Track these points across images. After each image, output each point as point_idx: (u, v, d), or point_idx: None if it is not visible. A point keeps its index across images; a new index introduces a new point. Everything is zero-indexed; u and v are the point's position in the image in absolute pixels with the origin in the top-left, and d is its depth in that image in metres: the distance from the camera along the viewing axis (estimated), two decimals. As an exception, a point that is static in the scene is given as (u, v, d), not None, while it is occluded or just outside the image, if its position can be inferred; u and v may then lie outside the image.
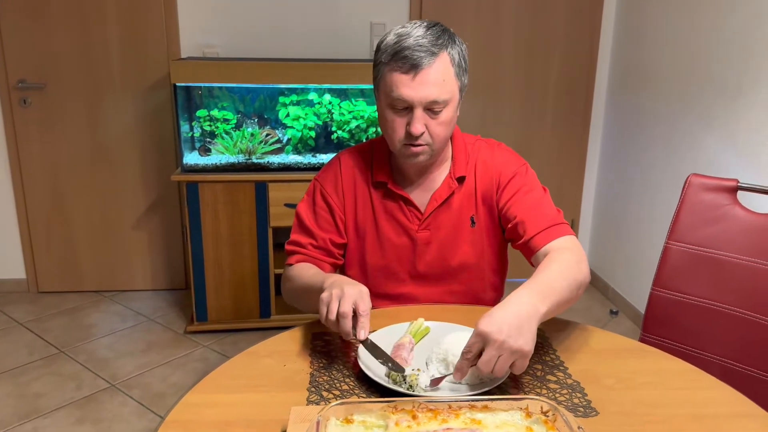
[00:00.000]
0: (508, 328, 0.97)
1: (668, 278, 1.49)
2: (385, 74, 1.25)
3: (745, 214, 1.43)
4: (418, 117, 1.24)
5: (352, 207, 1.42)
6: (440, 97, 1.23)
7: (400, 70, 1.22)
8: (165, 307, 3.22)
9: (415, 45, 1.21)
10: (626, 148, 3.23)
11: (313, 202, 1.43)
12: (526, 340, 0.98)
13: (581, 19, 3.28)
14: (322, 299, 1.11)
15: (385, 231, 1.40)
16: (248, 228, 2.83)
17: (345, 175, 1.42)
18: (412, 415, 0.89)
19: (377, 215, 1.41)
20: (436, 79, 1.22)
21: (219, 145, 2.87)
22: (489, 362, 0.97)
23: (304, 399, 1.03)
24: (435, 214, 1.39)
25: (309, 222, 1.42)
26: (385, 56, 1.24)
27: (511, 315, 1.00)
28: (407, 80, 1.22)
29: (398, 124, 1.27)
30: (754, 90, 2.30)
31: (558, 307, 1.11)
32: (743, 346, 1.39)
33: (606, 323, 3.15)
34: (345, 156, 1.45)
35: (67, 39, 3.03)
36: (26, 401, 2.39)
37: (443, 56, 1.23)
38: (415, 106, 1.23)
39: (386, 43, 1.25)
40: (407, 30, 1.24)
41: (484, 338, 0.98)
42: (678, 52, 2.76)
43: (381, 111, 1.30)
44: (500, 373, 0.99)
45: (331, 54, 3.15)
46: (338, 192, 1.41)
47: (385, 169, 1.40)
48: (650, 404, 1.03)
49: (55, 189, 3.22)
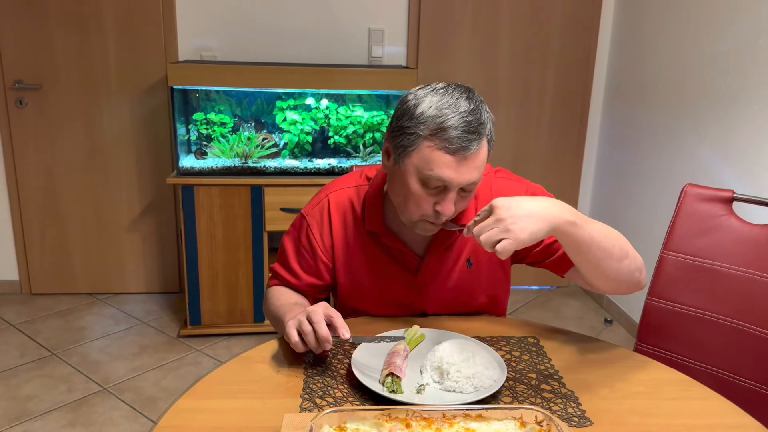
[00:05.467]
0: (516, 210, 1.03)
1: (663, 288, 1.49)
2: (422, 148, 1.14)
3: (740, 224, 1.43)
4: (451, 199, 1.17)
5: (343, 251, 1.36)
6: (478, 179, 1.17)
7: (445, 150, 1.12)
8: (158, 311, 3.21)
9: (463, 125, 1.12)
10: (622, 157, 3.24)
11: (298, 240, 1.38)
12: (524, 229, 1.02)
13: (578, 29, 3.30)
14: (290, 325, 1.11)
15: (381, 275, 1.36)
16: (243, 232, 2.82)
17: (335, 219, 1.36)
18: (405, 424, 0.88)
19: (372, 260, 1.35)
20: (480, 163, 1.16)
21: (215, 149, 2.87)
22: (482, 228, 1.03)
23: (297, 406, 1.02)
24: (434, 261, 1.34)
25: (293, 261, 1.38)
26: (424, 129, 1.13)
27: (529, 204, 1.05)
28: (451, 162, 1.13)
29: (426, 201, 1.18)
30: (748, 102, 2.31)
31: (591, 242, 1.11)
32: (738, 356, 1.39)
33: (600, 332, 3.15)
34: (334, 197, 1.37)
35: (65, 40, 3.03)
36: (17, 404, 2.37)
37: (485, 138, 1.16)
38: (451, 188, 1.16)
39: (424, 113, 1.14)
40: (447, 100, 1.14)
41: (491, 207, 1.04)
42: (673, 63, 2.78)
43: (406, 182, 1.18)
44: (485, 245, 1.03)
45: (328, 59, 3.16)
46: (324, 236, 1.36)
47: (377, 219, 1.32)
48: (644, 414, 1.03)
49: (50, 190, 3.21)
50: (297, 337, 1.10)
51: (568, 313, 3.35)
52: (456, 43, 3.24)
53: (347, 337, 1.09)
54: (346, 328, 1.10)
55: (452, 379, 1.05)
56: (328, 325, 1.10)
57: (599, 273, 1.18)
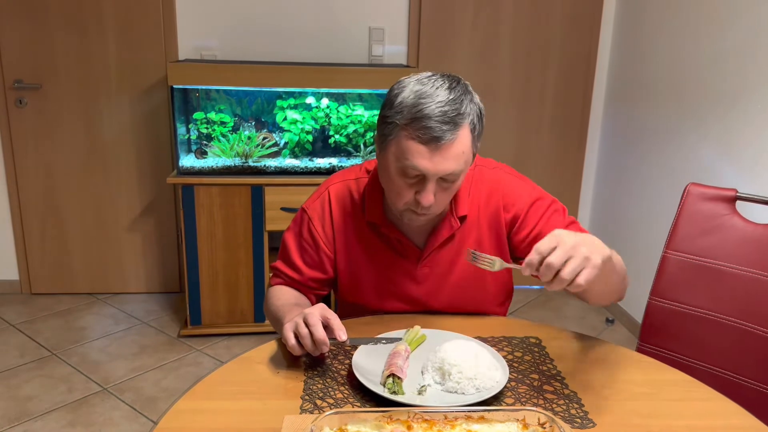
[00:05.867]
0: (582, 239, 0.97)
1: (666, 288, 1.48)
2: (399, 138, 1.14)
3: (743, 224, 1.42)
4: (429, 189, 1.16)
5: (344, 243, 1.35)
6: (457, 169, 1.15)
7: (418, 139, 1.12)
8: (159, 311, 3.20)
9: (438, 114, 1.11)
10: (623, 157, 3.23)
11: (300, 234, 1.37)
12: (595, 253, 0.96)
13: (579, 28, 3.29)
14: (286, 328, 1.11)
15: (381, 267, 1.35)
16: (244, 231, 2.81)
17: (335, 210, 1.36)
18: (407, 426, 0.88)
19: (372, 252, 1.35)
20: (456, 152, 1.13)
21: (215, 148, 2.86)
22: (559, 259, 0.93)
23: (298, 407, 1.01)
24: (434, 252, 1.33)
25: (294, 256, 1.37)
26: (401, 118, 1.13)
27: (584, 235, 1.00)
28: (425, 152, 1.12)
29: (406, 190, 1.18)
30: (750, 101, 2.31)
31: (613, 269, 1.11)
32: (741, 357, 1.38)
33: (602, 331, 3.14)
34: (334, 188, 1.37)
35: (65, 40, 3.02)
36: (17, 404, 2.37)
37: (464, 127, 1.13)
38: (429, 178, 1.15)
39: (402, 102, 1.14)
40: (426, 89, 1.13)
41: (558, 238, 0.96)
42: (674, 62, 2.77)
43: (387, 171, 1.19)
44: (567, 277, 0.94)
45: (329, 58, 3.15)
46: (326, 228, 1.35)
47: (377, 210, 1.32)
48: (647, 415, 1.02)
49: (50, 190, 3.20)
50: (294, 340, 1.09)
51: (569, 312, 3.35)
52: (457, 42, 3.24)
53: (344, 339, 1.08)
54: (343, 330, 1.09)
55: (454, 380, 1.04)
56: (325, 327, 1.09)
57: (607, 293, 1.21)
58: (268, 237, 2.84)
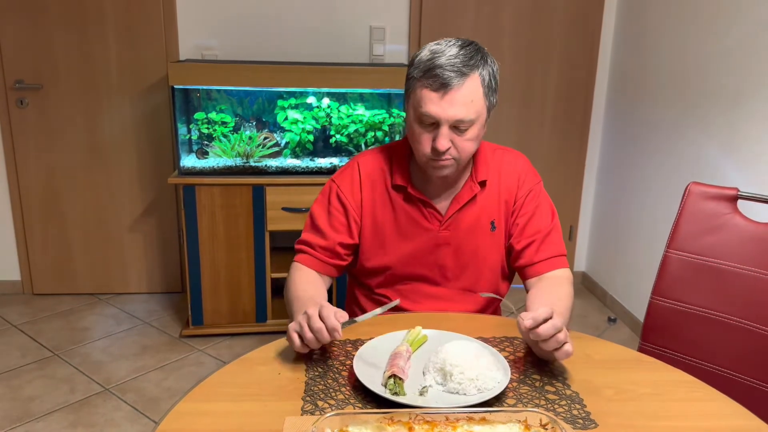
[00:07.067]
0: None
1: (668, 287, 1.48)
2: (415, 89, 1.29)
3: (745, 223, 1.42)
4: (443, 134, 1.28)
5: (370, 208, 1.43)
6: (467, 116, 1.27)
7: (430, 87, 1.26)
8: (160, 311, 3.20)
9: (447, 64, 1.24)
10: (625, 155, 3.22)
11: (328, 202, 1.45)
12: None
13: (581, 26, 3.28)
14: (290, 328, 1.13)
15: (405, 231, 1.43)
16: (245, 231, 2.81)
17: (363, 177, 1.44)
18: (408, 427, 0.87)
19: (397, 216, 1.43)
20: (464, 99, 1.25)
21: (216, 148, 2.86)
22: (555, 328, 1.05)
23: (299, 409, 1.01)
24: (456, 216, 1.42)
25: (321, 222, 1.44)
26: (417, 71, 1.28)
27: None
28: (436, 98, 1.25)
29: (425, 139, 1.30)
30: (753, 99, 2.30)
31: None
32: (743, 356, 1.38)
33: (604, 331, 3.14)
34: (362, 158, 1.47)
35: (65, 40, 3.02)
36: (19, 404, 2.37)
37: (473, 77, 1.26)
38: (441, 123, 1.27)
39: (420, 59, 1.29)
40: (441, 48, 1.27)
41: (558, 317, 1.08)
42: (677, 60, 2.76)
43: (409, 123, 1.34)
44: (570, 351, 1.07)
45: (330, 58, 3.14)
46: (354, 194, 1.43)
47: (404, 173, 1.42)
48: (650, 416, 1.02)
49: (51, 190, 3.21)
50: (299, 341, 1.12)
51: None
52: (458, 41, 3.22)
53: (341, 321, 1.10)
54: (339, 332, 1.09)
55: (455, 381, 1.04)
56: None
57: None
58: (270, 237, 2.84)
